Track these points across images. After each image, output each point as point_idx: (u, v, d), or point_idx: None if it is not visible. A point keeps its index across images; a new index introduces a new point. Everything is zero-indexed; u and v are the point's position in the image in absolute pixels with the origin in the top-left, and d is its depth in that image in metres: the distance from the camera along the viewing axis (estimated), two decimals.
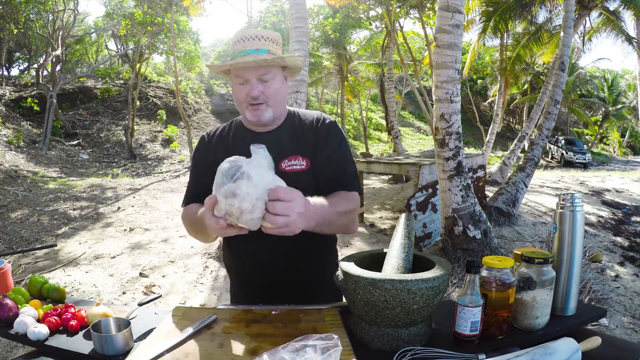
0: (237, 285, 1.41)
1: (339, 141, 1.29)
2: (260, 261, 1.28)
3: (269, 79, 1.20)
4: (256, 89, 1.18)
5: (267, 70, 1.19)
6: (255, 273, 1.31)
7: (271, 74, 1.20)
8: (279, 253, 1.26)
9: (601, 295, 3.77)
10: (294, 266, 1.28)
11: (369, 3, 11.86)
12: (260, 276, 1.30)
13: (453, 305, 0.94)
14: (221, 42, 32.18)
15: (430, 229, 5.36)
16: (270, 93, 1.20)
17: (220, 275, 4.45)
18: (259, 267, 1.29)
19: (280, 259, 1.27)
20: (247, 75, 1.18)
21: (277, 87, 1.22)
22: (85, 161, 12.84)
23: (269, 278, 1.29)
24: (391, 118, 12.19)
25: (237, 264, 1.37)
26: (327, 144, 1.27)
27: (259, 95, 1.19)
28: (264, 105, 1.21)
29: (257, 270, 1.30)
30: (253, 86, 1.18)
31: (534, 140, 6.70)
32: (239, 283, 1.40)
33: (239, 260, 1.35)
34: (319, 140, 1.27)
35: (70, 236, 5.65)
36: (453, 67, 4.32)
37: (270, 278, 1.29)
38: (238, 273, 1.39)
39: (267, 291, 1.31)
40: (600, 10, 9.66)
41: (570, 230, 1.06)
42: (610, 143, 30.58)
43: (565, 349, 0.86)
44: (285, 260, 1.27)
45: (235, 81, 1.22)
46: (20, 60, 20.99)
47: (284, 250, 1.26)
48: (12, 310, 1.05)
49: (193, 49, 17.30)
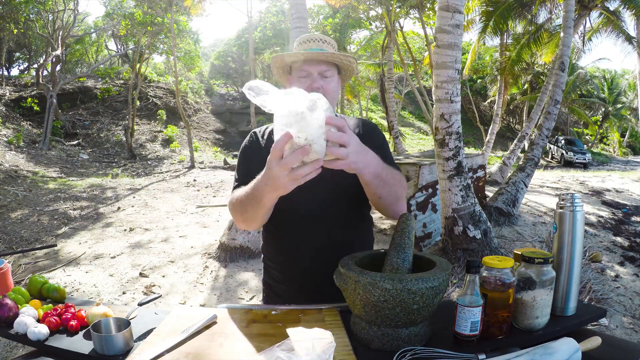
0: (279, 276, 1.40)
1: (382, 140, 1.36)
2: (304, 251, 1.30)
3: (329, 76, 1.29)
4: (318, 82, 1.26)
5: (328, 68, 1.28)
6: (300, 263, 1.32)
7: (331, 72, 1.30)
8: (321, 243, 1.28)
9: (601, 295, 3.77)
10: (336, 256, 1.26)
11: (369, 3, 11.87)
12: (306, 267, 1.31)
13: (453, 305, 0.94)
14: (221, 42, 32.15)
15: (430, 229, 5.36)
16: (329, 89, 1.28)
17: (220, 275, 4.45)
18: (306, 258, 1.30)
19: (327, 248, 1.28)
20: (311, 69, 1.27)
21: (334, 85, 1.31)
22: (85, 161, 12.85)
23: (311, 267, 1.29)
24: (391, 118, 12.20)
25: (279, 254, 1.37)
26: (370, 143, 1.30)
27: (320, 87, 1.25)
28: None
29: (304, 260, 1.31)
30: (315, 79, 1.26)
31: (534, 140, 6.70)
32: (281, 274, 1.39)
33: (281, 251, 1.36)
34: (362, 136, 1.30)
35: (70, 236, 5.65)
36: (453, 67, 4.32)
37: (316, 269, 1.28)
38: (281, 263, 1.38)
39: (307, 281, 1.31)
40: (600, 10, 9.66)
41: (570, 230, 1.06)
42: (610, 143, 30.60)
43: (565, 349, 0.86)
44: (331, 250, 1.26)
45: (298, 75, 1.30)
46: (20, 60, 21.01)
47: (330, 240, 1.28)
48: (12, 310, 1.05)
49: (193, 49, 17.32)
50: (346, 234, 1.32)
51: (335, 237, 1.29)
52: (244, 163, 1.33)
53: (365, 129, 1.36)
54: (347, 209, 1.31)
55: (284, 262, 1.37)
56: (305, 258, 1.31)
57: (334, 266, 1.25)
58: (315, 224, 1.28)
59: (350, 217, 1.33)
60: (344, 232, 1.31)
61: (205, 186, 9.67)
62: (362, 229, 1.39)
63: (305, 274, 1.32)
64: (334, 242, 1.28)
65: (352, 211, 1.33)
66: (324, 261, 1.26)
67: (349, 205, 1.30)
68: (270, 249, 1.42)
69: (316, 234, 1.29)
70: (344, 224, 1.32)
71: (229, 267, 4.65)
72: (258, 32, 17.63)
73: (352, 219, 1.33)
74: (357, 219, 1.35)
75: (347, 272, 0.94)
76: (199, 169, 12.81)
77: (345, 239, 1.31)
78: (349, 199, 1.29)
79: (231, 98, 22.34)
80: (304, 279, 1.32)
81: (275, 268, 1.41)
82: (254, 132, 1.39)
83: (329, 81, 1.29)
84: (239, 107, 20.72)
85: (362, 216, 1.38)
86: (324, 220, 1.28)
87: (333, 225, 1.29)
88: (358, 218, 1.36)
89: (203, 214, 7.01)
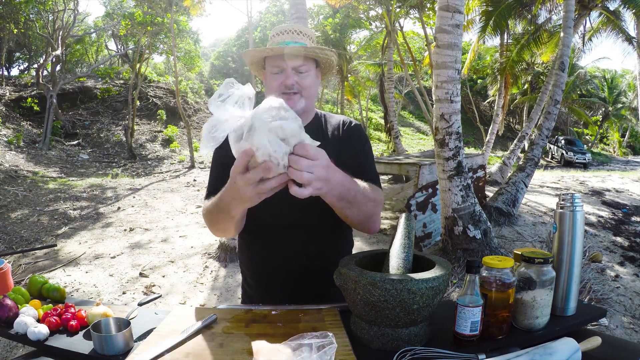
0: (253, 284, 1.38)
1: (364, 142, 1.31)
2: (280, 261, 1.27)
3: (304, 71, 1.21)
4: (292, 78, 1.19)
5: (303, 62, 1.20)
6: (274, 272, 1.29)
7: (306, 67, 1.22)
8: (297, 251, 1.25)
9: (601, 295, 3.77)
10: (314, 266, 1.26)
11: (369, 3, 11.87)
12: (281, 275, 1.28)
13: (453, 305, 0.94)
14: (221, 42, 32.18)
15: (430, 229, 5.36)
16: (305, 84, 1.22)
17: (220, 275, 4.45)
18: (279, 266, 1.28)
19: (301, 258, 1.26)
20: (284, 64, 1.19)
21: (311, 80, 1.23)
22: (85, 161, 12.84)
23: (288, 277, 1.27)
24: (391, 118, 12.20)
25: (255, 263, 1.34)
26: (352, 144, 1.29)
27: (294, 84, 1.20)
28: (297, 95, 1.21)
29: (277, 269, 1.28)
30: (289, 75, 1.19)
31: (534, 140, 6.69)
32: (255, 282, 1.37)
33: (257, 259, 1.33)
34: (344, 139, 1.28)
35: (70, 236, 5.65)
36: (453, 67, 4.32)
37: (290, 277, 1.27)
38: (256, 272, 1.35)
39: (285, 290, 1.29)
40: (600, 10, 9.66)
41: (570, 230, 1.06)
42: (610, 143, 30.60)
43: (565, 349, 0.86)
44: (305, 259, 1.26)
45: (270, 70, 1.23)
46: (20, 60, 21.00)
47: (304, 249, 1.25)
48: (12, 310, 1.05)
49: (193, 49, 17.32)
50: (321, 242, 1.27)
51: (310, 245, 1.25)
52: (217, 164, 1.29)
53: (347, 130, 1.30)
54: (321, 215, 1.18)
55: (258, 271, 1.34)
56: (279, 267, 1.27)
57: (308, 275, 1.24)
58: (288, 231, 1.25)
59: (325, 224, 1.25)
60: (319, 240, 1.27)
61: (205, 186, 9.65)
62: (339, 235, 1.34)
63: (280, 283, 1.29)
64: (308, 251, 1.25)
65: (327, 217, 1.17)
66: (298, 270, 1.25)
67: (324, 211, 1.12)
68: (244, 256, 1.39)
69: (290, 242, 1.25)
70: (319, 232, 1.27)
71: (229, 267, 4.65)
72: (258, 32, 17.65)
73: (327, 226, 1.26)
74: (333, 225, 1.25)
75: (347, 272, 0.94)
76: (199, 169, 12.80)
77: (320, 248, 1.26)
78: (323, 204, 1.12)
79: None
80: (279, 288, 1.30)
81: (250, 276, 1.38)
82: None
83: (304, 76, 1.21)
84: None
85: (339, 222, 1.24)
86: (298, 227, 1.24)
87: (307, 233, 1.25)
88: (334, 224, 1.24)
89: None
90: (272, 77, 1.22)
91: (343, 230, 1.35)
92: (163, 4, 12.81)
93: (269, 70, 1.23)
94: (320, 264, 1.23)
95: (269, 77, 1.24)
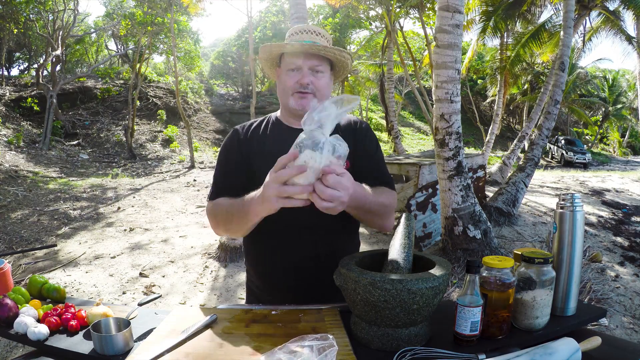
0: (260, 284, 1.36)
1: (376, 145, 1.32)
2: (288, 260, 1.26)
3: (320, 71, 1.21)
4: (308, 77, 1.19)
5: (320, 63, 1.20)
6: (284, 273, 1.28)
7: (322, 67, 1.21)
8: (307, 252, 1.25)
9: (601, 295, 3.77)
10: (323, 267, 1.24)
11: (369, 3, 11.86)
12: (290, 276, 1.27)
13: (453, 305, 0.94)
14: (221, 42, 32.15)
15: (430, 229, 5.36)
16: (320, 85, 1.21)
17: (220, 275, 4.45)
18: (289, 268, 1.26)
19: (310, 259, 1.25)
20: (301, 62, 1.19)
21: (325, 82, 1.23)
22: (85, 161, 12.84)
23: (298, 277, 1.26)
24: (391, 118, 12.20)
25: (263, 263, 1.32)
26: (365, 147, 1.28)
27: (309, 83, 1.19)
28: (311, 95, 1.20)
29: (287, 270, 1.27)
30: (305, 74, 1.19)
31: (534, 140, 6.69)
32: (262, 282, 1.35)
33: (266, 260, 1.31)
34: (357, 140, 1.27)
35: (70, 236, 5.65)
36: (453, 67, 4.32)
37: (300, 278, 1.26)
38: (264, 272, 1.34)
39: (292, 290, 1.28)
40: (600, 10, 9.66)
41: (570, 230, 1.06)
42: (610, 143, 30.59)
43: (565, 349, 0.86)
44: (315, 260, 1.25)
45: (286, 68, 1.22)
46: (20, 60, 21.00)
47: (314, 250, 1.25)
48: (12, 310, 1.05)
49: (193, 49, 17.31)
50: (331, 243, 1.27)
51: (320, 247, 1.25)
52: (224, 161, 1.29)
53: (359, 132, 1.30)
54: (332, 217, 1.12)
55: (266, 271, 1.32)
56: (289, 268, 1.26)
57: (318, 276, 1.23)
58: (299, 232, 1.24)
59: (335, 225, 1.24)
60: (329, 241, 1.26)
61: (205, 186, 9.66)
62: (348, 236, 1.35)
63: (290, 284, 1.28)
64: (318, 252, 1.24)
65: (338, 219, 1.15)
66: (308, 271, 1.24)
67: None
68: (251, 256, 1.37)
69: (300, 243, 1.24)
70: (329, 233, 1.26)
71: (229, 267, 4.65)
72: (258, 32, 17.63)
73: (337, 227, 1.26)
74: (343, 226, 1.28)
75: (347, 272, 0.94)
76: (199, 169, 12.81)
77: (330, 249, 1.25)
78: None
79: (231, 98, 22.35)
80: (288, 289, 1.29)
81: (256, 276, 1.37)
82: (235, 129, 1.33)
83: (320, 77, 1.21)
84: (239, 107, 20.72)
85: (348, 223, 1.30)
86: (308, 228, 1.23)
87: (318, 234, 1.24)
88: (344, 226, 1.29)
89: (203, 214, 7.01)
90: (287, 75, 1.22)
91: (351, 231, 1.36)
92: (163, 4, 12.81)
93: (285, 67, 1.23)
94: (330, 265, 1.22)
95: (284, 74, 1.23)
